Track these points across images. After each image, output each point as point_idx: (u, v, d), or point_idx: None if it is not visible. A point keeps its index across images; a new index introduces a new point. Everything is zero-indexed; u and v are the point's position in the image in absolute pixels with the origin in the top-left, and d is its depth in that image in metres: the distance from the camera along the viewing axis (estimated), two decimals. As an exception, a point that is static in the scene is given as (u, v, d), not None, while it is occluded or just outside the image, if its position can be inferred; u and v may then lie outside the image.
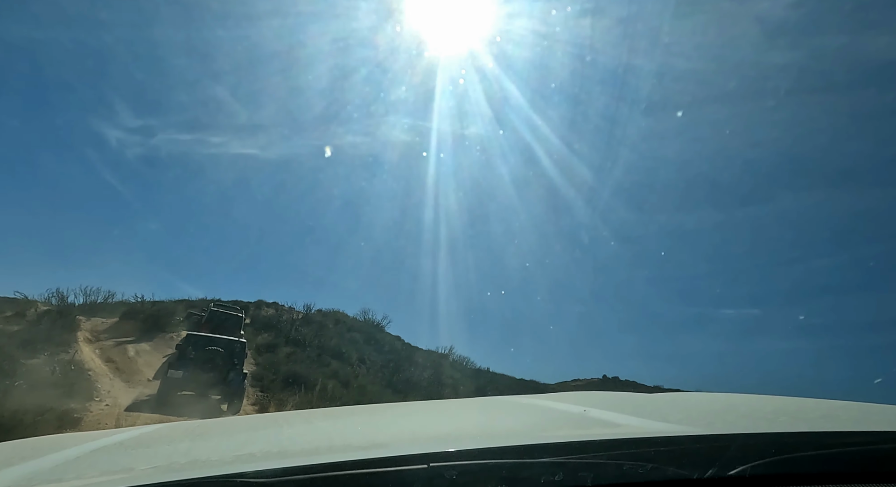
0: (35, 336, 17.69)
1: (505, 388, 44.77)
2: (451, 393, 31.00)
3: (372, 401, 19.27)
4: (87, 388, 12.93)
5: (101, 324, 23.94)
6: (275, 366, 19.77)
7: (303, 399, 15.26)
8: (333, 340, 29.86)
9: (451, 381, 34.93)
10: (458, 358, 43.76)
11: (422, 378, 30.60)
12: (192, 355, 13.49)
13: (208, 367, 13.19)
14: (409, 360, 33.11)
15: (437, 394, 28.35)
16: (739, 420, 1.77)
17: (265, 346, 22.78)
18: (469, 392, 35.51)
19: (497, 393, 40.53)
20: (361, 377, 23.31)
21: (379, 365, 29.76)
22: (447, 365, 39.37)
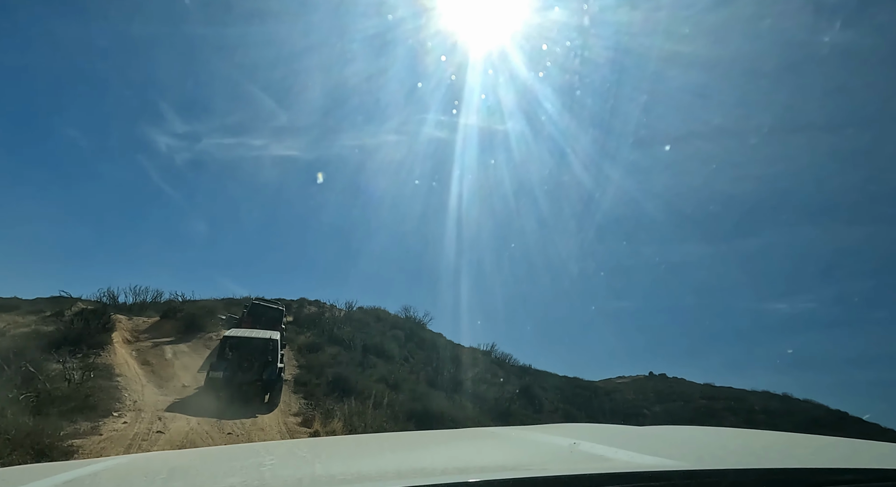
0: (67, 337, 15.96)
1: (550, 386, 42.30)
2: (496, 391, 28.74)
3: (423, 403, 17.06)
4: (108, 399, 10.99)
5: (142, 324, 22.33)
6: (319, 369, 17.66)
7: (352, 410, 13.05)
8: (376, 338, 27.75)
9: (496, 380, 32.89)
10: (501, 355, 41.59)
11: (466, 376, 28.28)
12: (230, 355, 13.66)
13: (245, 366, 13.39)
14: (453, 358, 31.18)
15: (482, 393, 26.13)
16: (730, 455, 1.73)
17: (308, 346, 20.73)
18: (515, 390, 33.34)
19: (542, 391, 38.16)
20: (409, 380, 21.07)
21: (422, 363, 27.66)
22: (490, 363, 37.30)
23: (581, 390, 47.19)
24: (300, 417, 12.79)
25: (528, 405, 32.13)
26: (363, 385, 16.89)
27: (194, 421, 10.84)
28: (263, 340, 14.38)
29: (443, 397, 20.67)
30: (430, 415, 15.75)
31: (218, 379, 13.03)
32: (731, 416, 40.45)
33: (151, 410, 11.34)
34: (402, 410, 15.71)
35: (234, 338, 14.32)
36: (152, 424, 9.74)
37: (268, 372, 13.60)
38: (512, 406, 27.22)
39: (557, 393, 39.93)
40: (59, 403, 9.25)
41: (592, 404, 42.63)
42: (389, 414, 15.20)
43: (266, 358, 13.82)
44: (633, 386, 50.58)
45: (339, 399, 15.37)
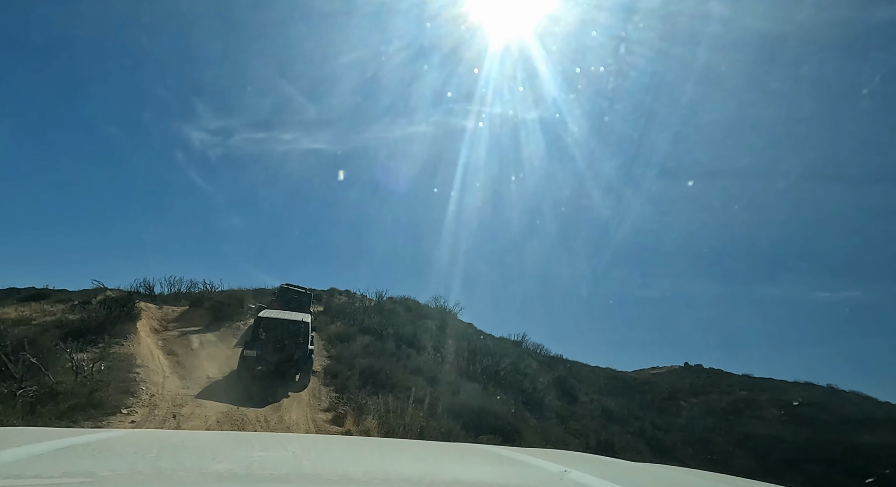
0: (89, 326, 14.86)
1: (584, 377, 40.47)
2: (529, 383, 27.07)
3: (461, 398, 15.54)
4: (121, 394, 9.70)
5: (171, 313, 21.28)
6: (350, 359, 16.24)
7: (388, 406, 11.58)
8: (407, 328, 26.31)
9: (530, 370, 31.24)
10: (532, 345, 39.92)
11: (499, 367, 26.65)
12: (263, 335, 13.72)
13: (278, 347, 13.48)
14: (484, 349, 29.69)
15: (516, 384, 24.52)
16: None
17: (339, 336, 19.34)
18: (549, 381, 31.73)
19: (576, 382, 36.34)
20: (445, 371, 19.57)
21: (453, 353, 26.17)
22: (521, 353, 35.71)
23: (614, 381, 45.20)
24: (330, 413, 11.37)
25: (562, 396, 30.49)
26: (398, 377, 15.44)
27: (213, 417, 9.48)
28: (295, 322, 14.30)
29: (479, 389, 19.14)
30: (470, 410, 14.22)
31: (251, 357, 13.18)
32: (772, 409, 38.08)
33: (168, 405, 10.02)
34: (440, 405, 14.21)
35: (267, 320, 14.25)
36: (164, 422, 8.40)
37: (299, 353, 13.62)
38: (546, 397, 25.70)
39: (591, 385, 38.17)
40: (62, 399, 7.98)
41: (627, 395, 40.70)
42: (428, 410, 13.71)
43: (298, 340, 13.79)
44: (668, 378, 48.36)
45: (373, 392, 13.92)
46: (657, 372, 52.96)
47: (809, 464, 29.34)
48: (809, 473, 28.49)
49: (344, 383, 13.99)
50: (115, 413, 8.39)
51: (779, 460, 31.00)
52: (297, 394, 12.73)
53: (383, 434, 10.00)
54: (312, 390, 13.30)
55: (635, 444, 26.59)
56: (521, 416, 17.57)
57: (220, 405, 10.94)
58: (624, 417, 32.83)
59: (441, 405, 14.52)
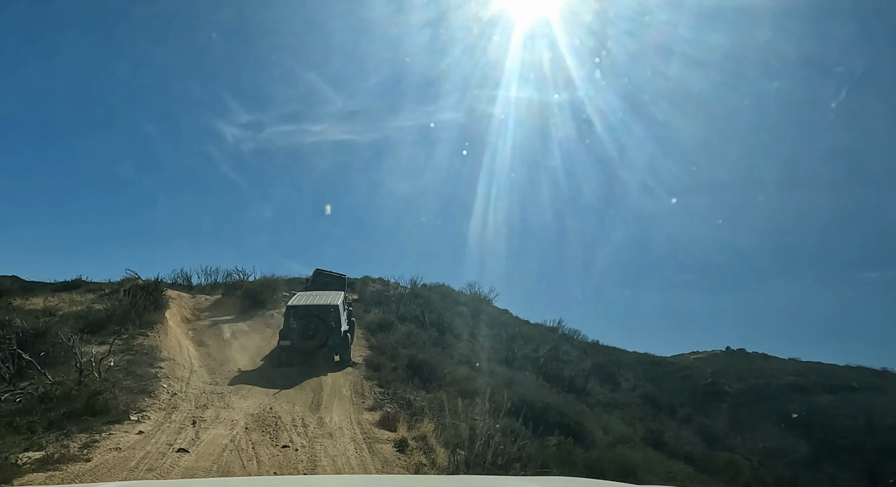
0: (112, 316, 13.35)
1: (624, 363, 38.17)
2: (569, 370, 24.97)
3: (516, 391, 13.62)
4: (135, 394, 8.03)
5: (204, 302, 19.84)
6: (392, 349, 14.42)
7: (441, 403, 9.72)
8: (444, 315, 24.41)
9: (568, 357, 29.14)
10: (568, 331, 37.70)
11: (538, 354, 24.62)
12: (294, 324, 13.35)
13: (310, 334, 13.14)
14: (522, 335, 27.75)
15: (557, 372, 22.48)
16: None
17: (378, 324, 17.55)
18: (589, 368, 29.58)
19: (617, 369, 34.07)
20: (490, 360, 17.67)
21: (491, 340, 24.21)
22: (558, 339, 33.60)
23: (653, 367, 42.69)
24: (377, 413, 9.53)
25: (604, 383, 28.43)
26: (445, 368, 13.56)
27: (241, 422, 7.73)
28: (324, 307, 13.77)
29: (531, 380, 17.20)
30: (529, 405, 12.29)
31: (287, 346, 13.03)
32: (825, 394, 35.25)
33: (190, 407, 8.33)
34: (498, 400, 12.33)
35: (296, 308, 13.75)
36: (179, 434, 6.66)
37: (332, 337, 13.28)
38: (588, 384, 23.68)
39: (630, 371, 35.90)
40: (57, 405, 6.31)
41: (667, 382, 38.32)
42: (490, 409, 11.84)
43: (329, 325, 13.36)
44: (709, 363, 45.62)
45: (421, 386, 12.08)
46: (698, 358, 50.15)
47: (869, 452, 26.83)
48: (869, 460, 26.05)
49: (387, 376, 12.17)
50: (122, 420, 6.69)
51: (835, 447, 28.42)
52: (339, 390, 10.96)
53: (442, 441, 8.14)
54: (354, 385, 11.52)
55: (684, 433, 24.42)
56: (576, 407, 15.60)
57: (250, 403, 9.22)
58: (670, 405, 30.59)
59: (498, 400, 12.63)
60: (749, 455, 24.21)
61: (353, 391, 11.12)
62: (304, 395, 10.32)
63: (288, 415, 8.54)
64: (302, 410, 9.15)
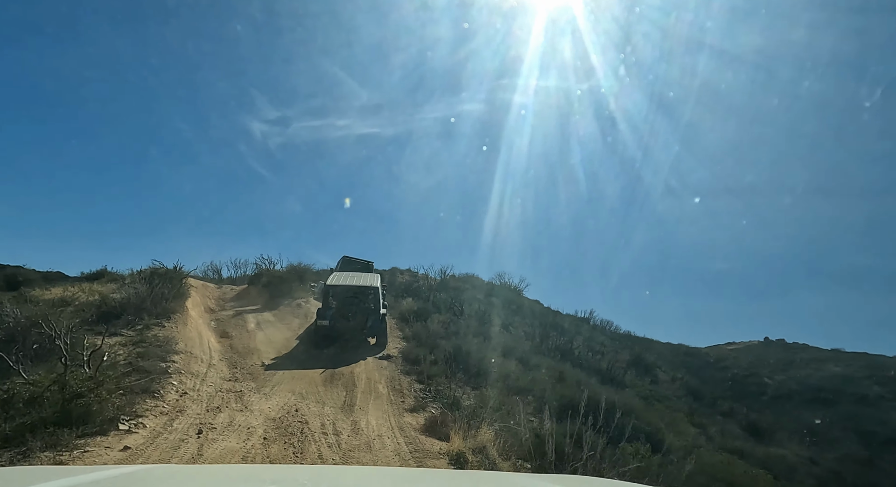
0: (126, 306, 11.94)
1: (659, 355, 35.94)
2: (607, 361, 23.13)
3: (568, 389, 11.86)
4: (137, 394, 6.49)
5: (229, 292, 18.46)
6: (429, 341, 12.74)
7: (493, 403, 7.99)
8: (475, 305, 22.66)
9: (603, 348, 27.19)
10: (601, 322, 35.70)
11: (572, 345, 22.70)
12: (333, 304, 12.69)
13: (349, 314, 12.55)
14: (554, 326, 25.89)
15: (593, 363, 20.65)
16: None
17: (414, 313, 15.90)
18: (625, 359, 27.62)
19: (654, 359, 31.93)
20: (534, 352, 15.89)
21: (526, 331, 22.42)
22: (591, 330, 31.63)
23: (689, 358, 40.32)
24: (420, 416, 7.84)
25: (642, 375, 26.45)
26: (489, 361, 11.83)
27: (259, 430, 6.11)
28: (364, 288, 13.05)
29: (578, 373, 15.39)
30: (590, 404, 10.52)
31: (325, 326, 12.29)
32: (873, 385, 32.55)
33: (200, 410, 6.76)
34: (553, 398, 10.56)
35: (336, 287, 13.00)
36: (176, 450, 5.03)
37: (371, 319, 12.60)
38: (626, 376, 21.79)
39: (666, 362, 33.73)
40: (23, 412, 4.77)
41: (705, 373, 36.03)
42: (539, 405, 10.09)
43: (369, 306, 12.76)
44: (747, 353, 43.00)
45: (466, 381, 10.38)
46: (734, 348, 47.49)
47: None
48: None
49: (428, 370, 10.47)
50: (108, 430, 5.09)
51: (888, 440, 25.94)
52: (374, 387, 9.31)
53: (502, 452, 6.41)
54: (391, 380, 9.87)
55: (728, 427, 22.34)
56: (635, 404, 13.73)
57: (272, 404, 7.63)
58: (712, 397, 28.42)
59: (554, 397, 10.86)
60: (798, 451, 22.09)
61: (391, 387, 9.46)
62: (335, 393, 8.69)
63: (317, 419, 6.91)
64: (333, 412, 7.51)
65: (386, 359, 11.31)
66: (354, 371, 10.13)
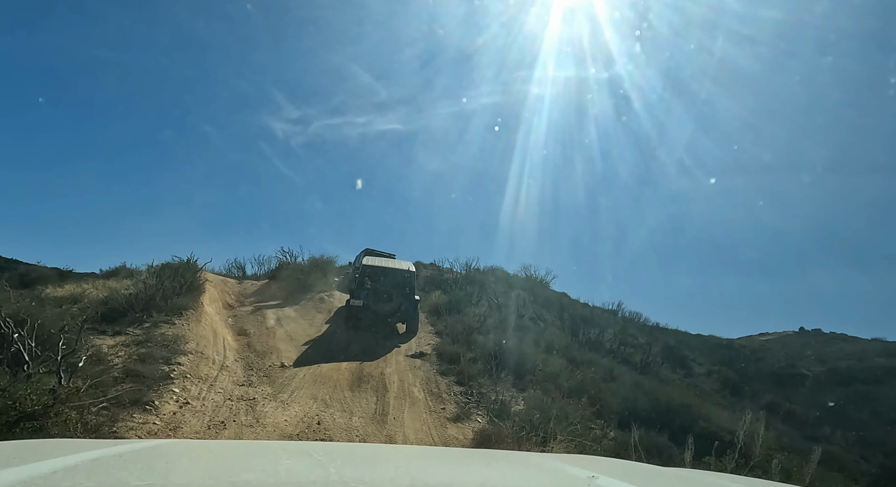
0: (135, 303, 10.71)
1: (694, 347, 33.95)
2: (636, 353, 21.30)
3: (624, 385, 10.32)
4: (127, 405, 5.18)
5: (250, 287, 17.25)
6: (465, 336, 11.28)
7: (552, 410, 6.50)
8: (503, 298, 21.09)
9: (635, 341, 25.35)
10: (630, 314, 33.67)
11: (603, 338, 20.95)
12: (369, 285, 12.24)
13: (385, 296, 11.99)
14: (584, 319, 24.22)
15: (627, 357, 18.92)
16: None
17: (444, 306, 14.48)
18: (658, 351, 25.71)
19: (689, 353, 30.10)
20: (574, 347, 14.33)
21: (558, 325, 20.81)
22: (620, 322, 29.75)
23: (723, 349, 38.17)
24: (466, 427, 6.38)
25: (677, 368, 24.69)
26: (532, 358, 10.32)
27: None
28: (400, 270, 12.69)
29: (628, 372, 13.82)
30: (649, 407, 8.97)
31: (358, 306, 11.87)
32: (923, 377, 30.20)
33: (200, 426, 5.41)
34: (610, 402, 9.03)
35: (372, 267, 12.60)
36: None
37: (406, 303, 12.20)
38: (660, 369, 20.07)
39: (699, 354, 31.80)
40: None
41: (739, 365, 33.94)
42: (598, 410, 8.56)
43: (404, 290, 12.31)
44: (782, 344, 40.66)
45: (511, 382, 8.89)
46: (768, 339, 45.05)
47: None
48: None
49: (468, 370, 8.99)
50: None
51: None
52: (409, 390, 7.88)
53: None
54: (426, 382, 8.43)
55: (771, 421, 20.48)
56: (693, 401, 12.11)
57: (290, 415, 6.25)
58: (752, 390, 26.49)
59: (614, 400, 9.32)
60: (848, 447, 20.15)
61: (427, 390, 8.02)
62: (364, 399, 7.29)
63: (343, 434, 5.51)
64: (363, 424, 6.11)
65: (419, 358, 9.86)
66: (385, 371, 8.72)
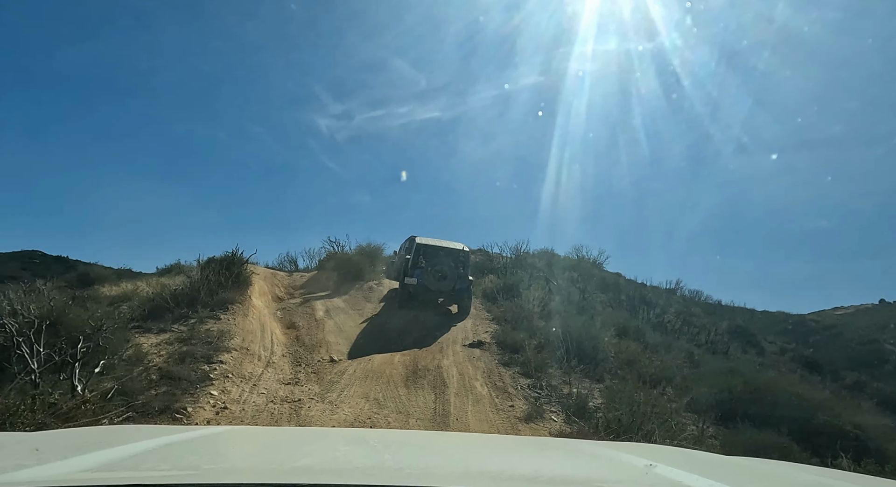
0: (180, 298, 10.22)
1: (762, 325, 31.40)
2: (706, 335, 19.51)
3: (712, 372, 8.98)
4: (156, 413, 4.44)
5: (299, 279, 16.73)
6: (525, 322, 10.19)
7: (635, 400, 5.37)
8: (557, 281, 19.75)
9: (698, 321, 23.40)
10: (689, 292, 31.39)
11: (664, 318, 19.25)
12: (423, 263, 11.94)
13: (439, 275, 11.79)
14: (642, 299, 22.54)
15: (692, 337, 17.27)
16: None
17: (500, 290, 13.41)
18: (724, 330, 23.70)
19: (757, 330, 27.78)
20: (643, 330, 12.95)
21: (618, 307, 19.29)
22: (680, 301, 27.71)
23: (794, 326, 35.24)
24: (542, 428, 5.33)
25: (746, 347, 22.65)
26: (602, 343, 9.10)
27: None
28: (455, 250, 12.55)
29: (713, 358, 12.36)
30: (752, 398, 7.62)
31: (413, 285, 11.87)
32: None
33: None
34: (701, 392, 7.74)
35: (426, 246, 12.44)
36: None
37: (460, 281, 12.03)
38: (729, 350, 18.27)
39: (767, 331, 29.31)
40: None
41: (815, 342, 31.19)
42: (691, 402, 7.33)
43: (458, 269, 12.10)
44: (859, 318, 37.25)
45: (584, 373, 7.75)
46: (843, 313, 41.48)
47: None
48: None
49: (534, 360, 7.90)
50: None
51: None
52: (470, 385, 6.90)
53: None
54: (489, 374, 7.43)
55: (864, 404, 18.31)
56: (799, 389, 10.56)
57: (339, 419, 5.40)
58: (832, 369, 24.04)
59: (696, 387, 8.04)
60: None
61: (491, 385, 7.01)
62: (421, 397, 6.36)
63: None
64: (421, 427, 5.18)
65: (478, 347, 8.86)
66: (442, 363, 7.77)
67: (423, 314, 11.95)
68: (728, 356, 16.62)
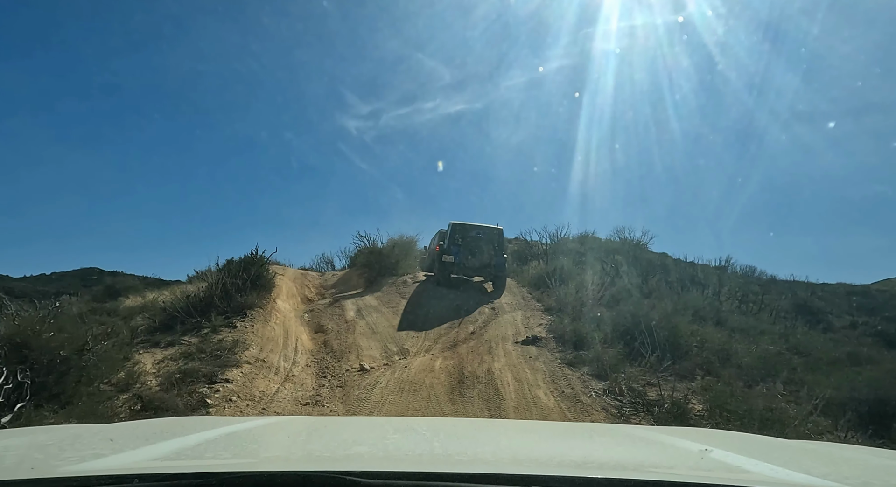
0: (198, 303, 9.06)
1: (824, 298, 28.57)
2: (760, 312, 17.28)
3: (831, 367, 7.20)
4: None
5: (331, 278, 15.56)
6: (585, 312, 8.56)
7: (739, 404, 3.76)
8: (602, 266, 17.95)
9: (756, 298, 21.06)
10: (742, 269, 28.79)
11: (721, 299, 17.14)
12: (460, 241, 12.21)
13: (476, 252, 12.17)
14: (692, 279, 20.44)
15: (751, 315, 15.12)
16: None
17: (552, 276, 11.81)
18: (787, 307, 21.25)
19: (822, 305, 25.04)
20: (724, 313, 11.09)
21: (669, 288, 17.29)
22: (733, 278, 25.26)
23: (860, 298, 32.07)
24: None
25: (813, 324, 20.23)
26: (685, 331, 7.41)
27: None
28: (489, 228, 12.70)
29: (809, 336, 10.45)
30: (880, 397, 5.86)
31: (451, 262, 12.06)
32: None
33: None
34: (822, 388, 6.01)
35: (461, 226, 12.53)
36: None
37: (496, 259, 12.20)
38: (794, 328, 16.08)
39: (833, 305, 26.50)
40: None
41: (881, 313, 28.17)
42: (817, 404, 5.63)
43: (493, 246, 12.31)
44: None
45: (669, 370, 6.11)
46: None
47: None
48: None
49: (605, 357, 6.30)
50: None
51: None
52: (532, 394, 5.36)
53: None
54: (552, 377, 5.89)
55: None
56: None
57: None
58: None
59: (814, 382, 6.30)
60: None
61: (558, 392, 5.45)
62: (471, 414, 4.89)
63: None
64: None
65: (533, 344, 7.28)
66: (492, 367, 6.25)
67: (465, 304, 10.53)
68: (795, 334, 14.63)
